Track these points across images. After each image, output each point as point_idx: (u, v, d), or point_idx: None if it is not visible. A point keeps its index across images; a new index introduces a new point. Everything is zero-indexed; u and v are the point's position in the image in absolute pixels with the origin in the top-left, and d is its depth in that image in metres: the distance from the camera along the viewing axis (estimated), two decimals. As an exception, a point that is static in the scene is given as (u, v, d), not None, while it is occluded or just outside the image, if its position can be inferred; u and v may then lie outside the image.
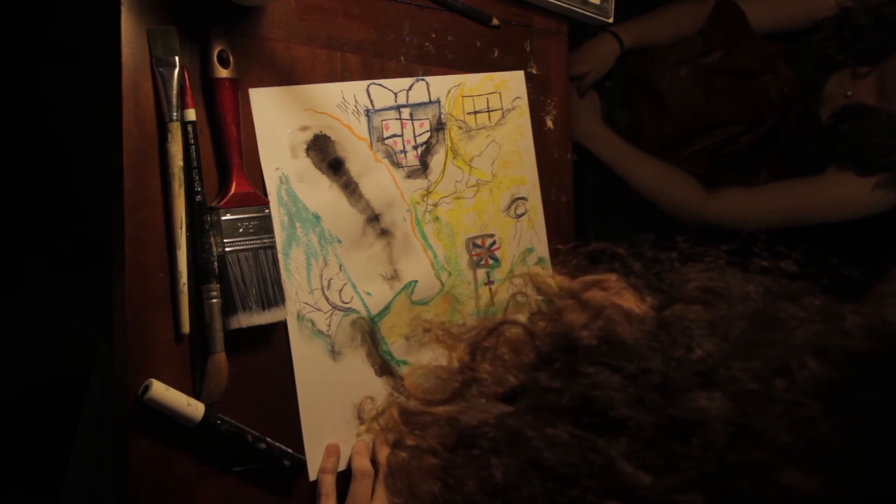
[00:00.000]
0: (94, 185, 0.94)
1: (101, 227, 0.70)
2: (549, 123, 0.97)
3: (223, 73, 0.71)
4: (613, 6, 1.03)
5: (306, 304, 0.77)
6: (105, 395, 0.95)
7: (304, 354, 0.76)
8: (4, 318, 1.07)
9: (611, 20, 1.03)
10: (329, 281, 0.78)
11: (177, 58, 0.69)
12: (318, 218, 0.78)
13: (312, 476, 0.76)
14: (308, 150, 0.78)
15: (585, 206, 1.10)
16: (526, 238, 0.94)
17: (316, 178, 0.78)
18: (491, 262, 0.91)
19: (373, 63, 0.83)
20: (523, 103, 0.95)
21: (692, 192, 1.31)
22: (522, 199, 0.94)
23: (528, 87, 0.95)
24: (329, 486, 0.75)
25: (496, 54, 0.92)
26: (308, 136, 0.78)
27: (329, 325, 0.78)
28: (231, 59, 0.72)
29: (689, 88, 1.33)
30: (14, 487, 1.10)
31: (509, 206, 0.93)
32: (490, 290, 0.91)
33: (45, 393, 1.12)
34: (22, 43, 1.04)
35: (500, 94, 0.93)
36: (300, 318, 0.76)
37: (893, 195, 1.20)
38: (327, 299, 0.78)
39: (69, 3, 1.04)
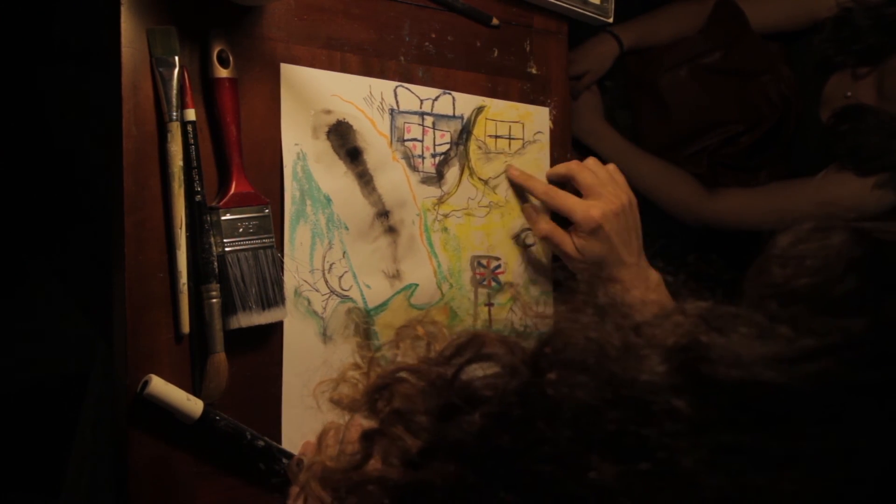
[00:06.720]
0: (94, 185, 0.94)
1: (101, 227, 0.70)
2: (550, 123, 0.97)
3: (223, 72, 0.71)
4: (613, 6, 1.03)
5: (305, 281, 0.77)
6: (104, 395, 0.95)
7: (296, 330, 0.76)
8: (4, 317, 1.07)
9: (611, 20, 1.03)
10: (331, 265, 0.79)
11: (177, 57, 0.69)
12: (329, 200, 0.79)
13: (286, 444, 0.75)
14: (329, 133, 0.79)
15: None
16: (531, 269, 0.95)
17: (333, 161, 0.79)
18: (494, 284, 0.91)
19: (372, 63, 0.83)
20: (544, 139, 0.96)
21: (692, 192, 1.31)
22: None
23: (548, 121, 0.95)
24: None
25: (496, 54, 0.92)
26: (331, 119, 0.79)
27: (324, 308, 0.78)
28: (231, 59, 0.72)
29: (689, 88, 1.33)
30: (14, 487, 1.10)
31: (518, 235, 0.94)
32: (489, 311, 0.91)
33: (44, 392, 1.12)
34: (22, 43, 1.05)
35: (522, 124, 0.94)
36: (297, 293, 0.76)
37: (893, 195, 1.20)
38: (326, 282, 0.78)
39: (69, 3, 1.04)
